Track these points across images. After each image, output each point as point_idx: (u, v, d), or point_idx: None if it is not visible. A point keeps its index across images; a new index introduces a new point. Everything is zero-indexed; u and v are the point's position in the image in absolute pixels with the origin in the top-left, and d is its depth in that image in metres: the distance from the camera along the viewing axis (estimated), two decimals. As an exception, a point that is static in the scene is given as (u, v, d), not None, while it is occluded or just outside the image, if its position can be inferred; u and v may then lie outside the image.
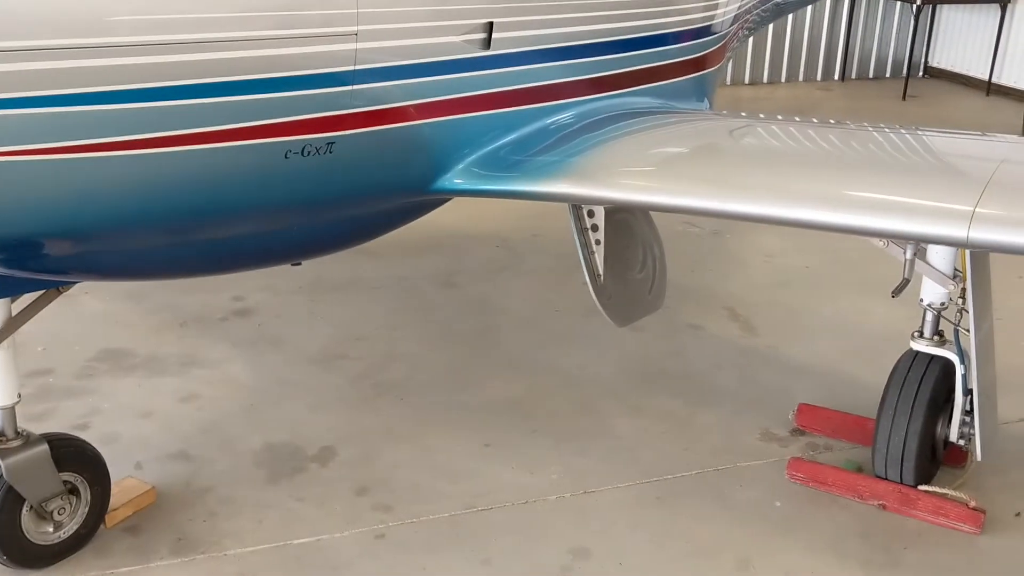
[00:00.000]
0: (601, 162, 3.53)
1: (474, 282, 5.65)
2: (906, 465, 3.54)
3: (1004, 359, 4.82)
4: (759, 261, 6.06)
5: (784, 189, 3.07)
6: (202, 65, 2.58)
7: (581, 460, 3.92)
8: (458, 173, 3.40)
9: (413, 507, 3.59)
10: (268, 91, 2.69)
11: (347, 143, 2.91)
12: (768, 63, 11.46)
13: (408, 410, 4.25)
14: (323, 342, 4.83)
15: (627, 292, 4.23)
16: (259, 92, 2.68)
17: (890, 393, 3.58)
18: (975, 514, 3.49)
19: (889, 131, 3.70)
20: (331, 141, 2.86)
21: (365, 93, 2.89)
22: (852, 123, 3.90)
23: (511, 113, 3.57)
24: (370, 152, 3.02)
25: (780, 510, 3.62)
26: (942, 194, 2.85)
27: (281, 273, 5.58)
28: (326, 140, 2.84)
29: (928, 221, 2.75)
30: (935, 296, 3.56)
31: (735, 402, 4.37)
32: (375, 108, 2.96)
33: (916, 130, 3.54)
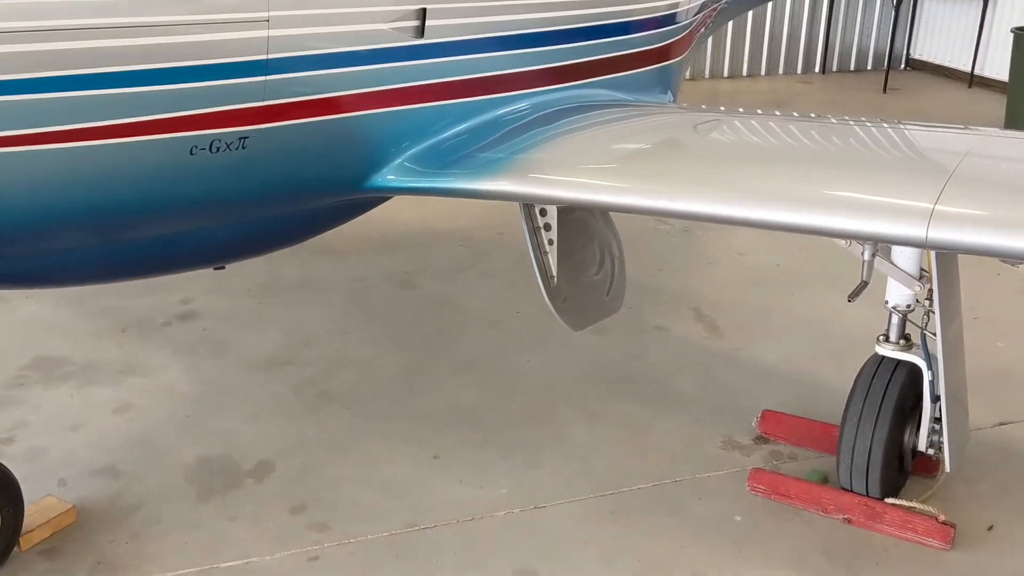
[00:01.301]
0: (550, 158, 3.33)
1: (434, 282, 5.45)
2: (872, 476, 3.35)
3: (979, 360, 4.65)
4: (729, 259, 5.86)
5: (735, 187, 2.87)
6: (96, 53, 2.37)
7: (533, 472, 3.71)
8: (393, 170, 3.20)
9: (352, 526, 3.38)
10: (169, 82, 2.48)
11: (262, 139, 2.70)
12: (747, 56, 11.27)
13: (354, 420, 4.04)
14: (269, 347, 4.61)
15: (583, 294, 4.03)
16: (159, 83, 2.47)
17: (854, 401, 3.39)
18: (944, 528, 3.30)
19: (853, 123, 3.51)
20: (243, 136, 2.65)
21: (280, 85, 2.68)
22: (816, 115, 3.71)
23: (451, 106, 3.37)
24: (290, 148, 2.81)
25: (739, 525, 3.42)
26: (900, 191, 2.65)
27: (230, 274, 5.35)
28: (237, 135, 2.63)
29: (884, 220, 2.55)
30: (900, 298, 3.36)
31: (697, 408, 4.18)
32: (292, 101, 2.75)
33: (880, 123, 3.35)
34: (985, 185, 2.66)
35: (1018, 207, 2.52)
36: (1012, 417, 4.12)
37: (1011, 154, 2.96)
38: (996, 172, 2.81)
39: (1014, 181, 2.73)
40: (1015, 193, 2.62)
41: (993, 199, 2.57)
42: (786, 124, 3.71)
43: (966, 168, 2.66)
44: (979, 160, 2.77)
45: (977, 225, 2.46)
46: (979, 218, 2.47)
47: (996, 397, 4.27)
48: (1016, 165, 2.85)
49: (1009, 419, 4.10)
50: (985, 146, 2.98)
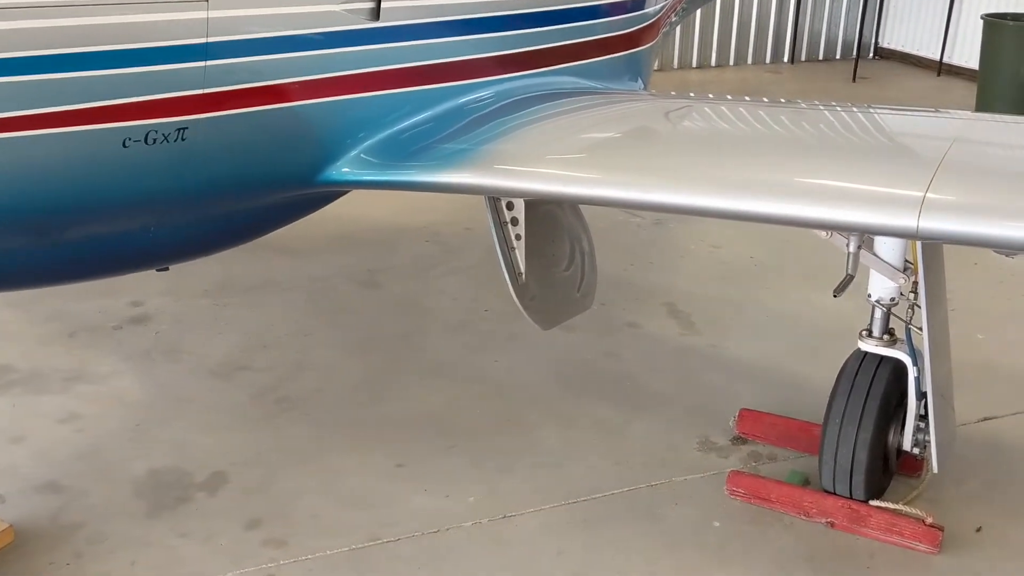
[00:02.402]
0: (515, 149, 3.16)
1: (399, 281, 5.25)
2: (855, 478, 3.20)
3: (959, 354, 4.49)
4: (704, 252, 5.72)
5: (713, 177, 2.70)
6: (14, 36, 2.15)
7: (503, 480, 3.53)
8: (348, 162, 3.00)
9: (310, 541, 3.19)
10: (98, 67, 2.27)
11: (203, 129, 2.50)
12: (716, 46, 11.14)
13: (314, 428, 3.84)
14: (225, 351, 4.39)
15: (552, 291, 3.86)
16: (86, 68, 2.26)
17: (837, 399, 3.24)
18: (932, 531, 3.16)
19: (839, 109, 3.35)
20: (182, 127, 2.44)
21: (222, 71, 2.48)
22: (800, 102, 3.56)
23: (410, 94, 3.18)
24: (234, 140, 2.61)
25: (718, 531, 3.27)
26: (889, 179, 2.50)
27: (185, 275, 5.14)
28: (175, 126, 2.42)
29: (873, 210, 2.40)
30: (884, 291, 3.21)
31: (672, 408, 4.02)
32: (236, 88, 2.55)
33: (866, 108, 3.20)
34: (977, 172, 2.52)
35: (1014, 194, 2.38)
36: (997, 411, 4.00)
37: (999, 139, 2.83)
38: (987, 158, 2.68)
39: (1006, 167, 2.60)
40: (1009, 180, 2.48)
41: (986, 186, 2.43)
42: (759, 110, 3.56)
43: (956, 154, 2.51)
44: (968, 146, 2.63)
45: (972, 214, 2.32)
46: (973, 206, 2.33)
47: (979, 391, 4.15)
48: (1006, 151, 2.72)
49: (994, 414, 3.98)
50: (972, 131, 2.84)
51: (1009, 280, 5.30)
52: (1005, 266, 5.45)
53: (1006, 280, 5.30)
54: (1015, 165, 2.62)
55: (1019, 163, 2.65)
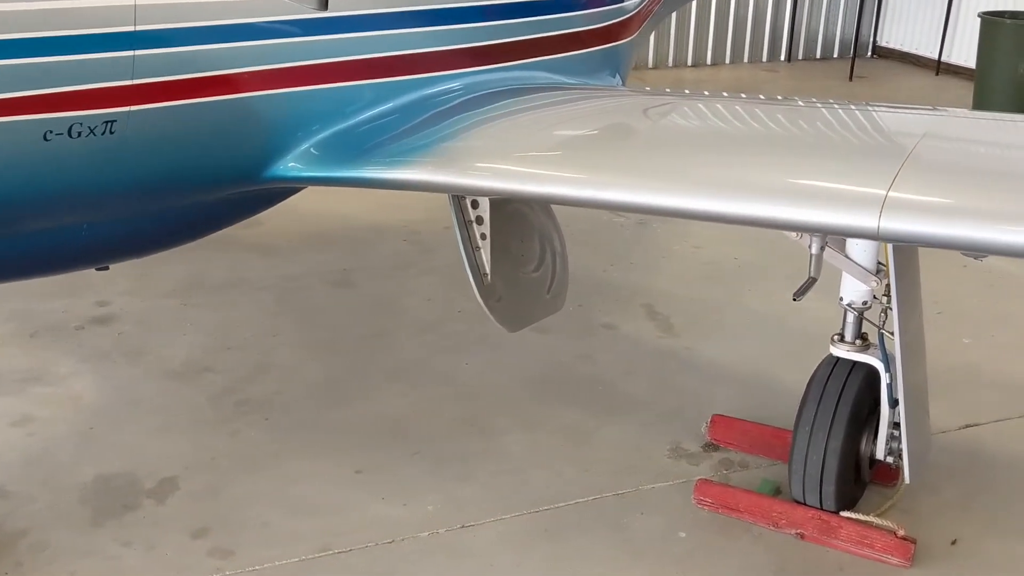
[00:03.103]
0: (478, 145, 3.04)
1: (373, 281, 5.13)
2: (826, 488, 3.08)
3: (944, 358, 4.40)
4: (685, 253, 5.59)
5: (669, 174, 2.58)
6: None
7: (463, 487, 3.42)
8: (297, 158, 2.88)
9: (258, 551, 3.07)
10: (15, 55, 2.15)
11: (134, 123, 2.38)
12: (711, 44, 11.00)
13: (272, 431, 3.72)
14: (188, 353, 4.28)
15: (520, 292, 3.74)
16: (5, 57, 2.15)
17: (807, 406, 3.11)
18: (904, 544, 3.03)
19: (805, 105, 3.23)
20: (110, 120, 2.32)
21: (153, 61, 2.36)
22: (766, 97, 3.44)
23: (364, 88, 3.06)
24: (168, 134, 2.49)
25: (684, 542, 3.14)
26: (850, 177, 2.38)
27: (153, 274, 5.05)
28: (102, 119, 2.31)
29: (832, 209, 2.27)
30: (856, 295, 3.09)
31: (645, 413, 3.90)
32: (171, 80, 2.43)
33: (833, 104, 3.07)
34: (944, 170, 2.39)
35: (981, 193, 2.26)
36: (979, 419, 3.87)
37: (974, 135, 2.70)
38: (957, 155, 2.55)
39: (976, 165, 2.47)
40: (977, 178, 2.36)
41: (953, 185, 2.31)
42: (735, 106, 3.43)
43: (924, 151, 2.39)
44: (938, 142, 2.50)
45: (935, 214, 2.19)
46: (937, 206, 2.21)
47: (962, 397, 4.02)
48: (979, 147, 2.60)
49: (976, 421, 3.86)
50: (945, 127, 2.71)
51: (999, 284, 5.16)
52: (995, 269, 5.32)
53: (996, 284, 5.16)
54: (986, 163, 2.50)
55: (990, 161, 2.52)
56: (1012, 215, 2.17)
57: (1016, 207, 2.19)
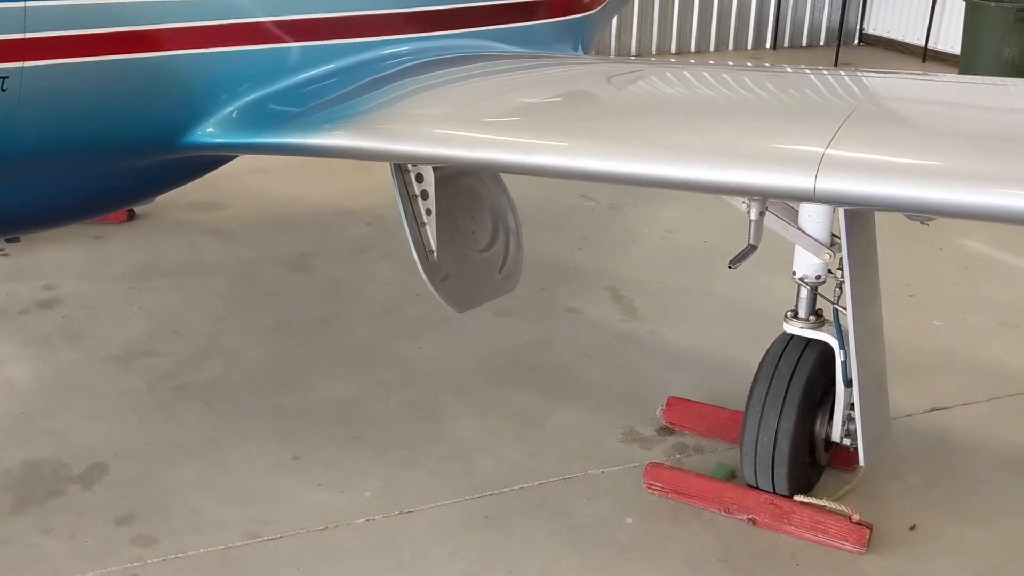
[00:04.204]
0: (416, 112, 2.91)
1: (331, 264, 4.99)
2: (778, 471, 2.94)
3: (914, 341, 4.28)
4: (655, 236, 5.45)
5: (609, 140, 2.44)
6: None
7: (405, 473, 3.28)
8: (217, 123, 2.73)
9: (183, 539, 2.93)
10: None
11: (28, 80, 2.23)
12: (696, 31, 10.84)
13: (210, 417, 3.58)
14: (132, 337, 4.14)
15: (470, 272, 3.59)
16: None
17: (758, 385, 2.98)
18: (859, 529, 2.90)
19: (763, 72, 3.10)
20: (1, 76, 2.19)
21: (46, 13, 2.22)
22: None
23: (292, 51, 2.92)
24: (67, 94, 2.34)
25: (630, 529, 3.01)
26: (790, 137, 2.24)
27: (105, 257, 4.92)
28: (-10, 74, 2.17)
29: (767, 169, 2.14)
30: (809, 268, 2.94)
31: (600, 397, 3.76)
32: (67, 34, 2.28)
33: (785, 68, 2.93)
34: (887, 128, 2.25)
35: (923, 152, 2.12)
36: (946, 402, 3.73)
37: (923, 95, 2.55)
38: (902, 113, 2.40)
39: (922, 124, 2.33)
40: (921, 137, 2.22)
41: (893, 143, 2.17)
42: (693, 72, 3.27)
43: (867, 109, 2.25)
44: (881, 101, 2.37)
45: (873, 173, 2.05)
46: (875, 164, 2.07)
47: (930, 380, 3.89)
48: (927, 107, 2.45)
49: (942, 404, 3.72)
50: (889, 87, 2.57)
51: (974, 266, 5.03)
52: (972, 252, 5.18)
53: (971, 266, 5.03)
54: (933, 122, 2.35)
55: (937, 120, 2.38)
56: (952, 173, 2.03)
57: (958, 165, 2.05)
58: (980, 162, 2.12)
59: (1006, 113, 2.49)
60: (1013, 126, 2.38)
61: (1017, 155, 2.15)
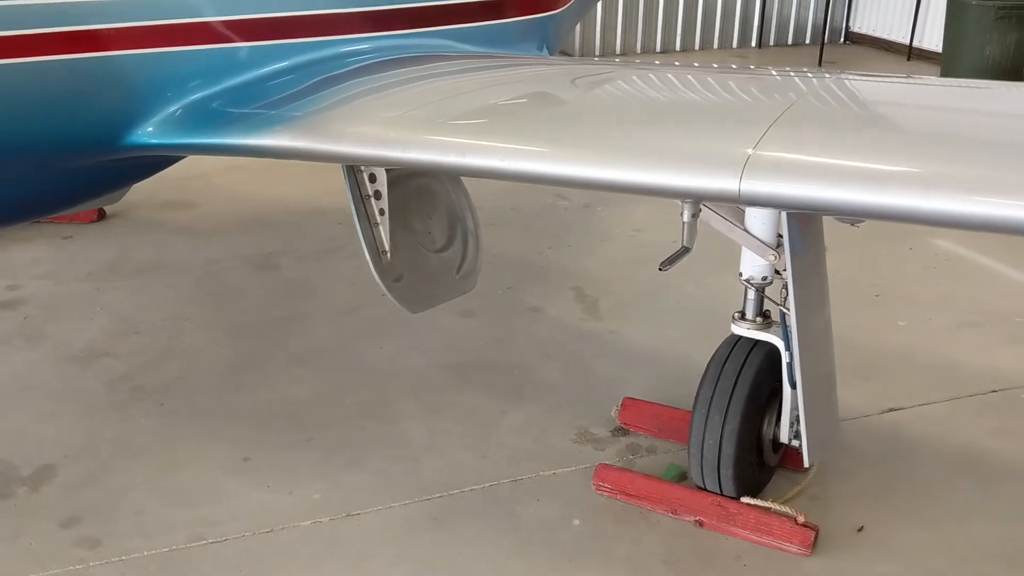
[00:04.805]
0: (347, 111, 2.87)
1: (298, 264, 4.98)
2: (723, 473, 2.93)
3: (877, 341, 4.27)
4: (625, 236, 5.44)
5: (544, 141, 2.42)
6: None
7: (354, 475, 3.27)
8: (160, 123, 2.72)
9: (127, 541, 2.92)
10: None
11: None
12: (680, 29, 10.84)
13: (165, 418, 3.57)
14: (92, 337, 4.13)
15: (425, 272, 3.58)
16: None
17: (705, 387, 2.96)
18: (804, 531, 2.89)
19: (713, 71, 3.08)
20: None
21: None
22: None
23: (237, 51, 2.91)
24: (5, 93, 2.33)
25: (576, 531, 3.00)
26: (719, 138, 2.23)
27: (71, 257, 4.91)
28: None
29: (695, 171, 2.13)
30: (755, 269, 2.94)
31: (555, 398, 3.74)
32: (7, 35, 2.27)
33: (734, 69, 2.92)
34: (816, 129, 2.23)
35: (850, 152, 2.10)
36: (903, 403, 3.72)
37: (862, 95, 2.54)
38: (835, 115, 2.39)
39: (854, 124, 2.31)
40: (851, 137, 2.20)
41: (821, 144, 2.15)
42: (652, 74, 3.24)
43: (800, 110, 2.24)
44: (813, 101, 2.35)
45: (797, 175, 2.04)
46: (800, 166, 2.05)
47: (888, 380, 3.88)
48: (861, 107, 2.43)
49: (900, 405, 3.70)
50: (826, 87, 2.56)
51: (942, 266, 5.01)
52: (941, 252, 5.17)
53: (939, 266, 5.01)
54: (864, 123, 2.34)
55: (869, 121, 2.37)
56: (880, 176, 2.02)
57: (886, 167, 2.04)
58: (909, 164, 2.10)
59: (944, 114, 2.47)
60: (948, 128, 2.36)
61: (949, 157, 2.14)
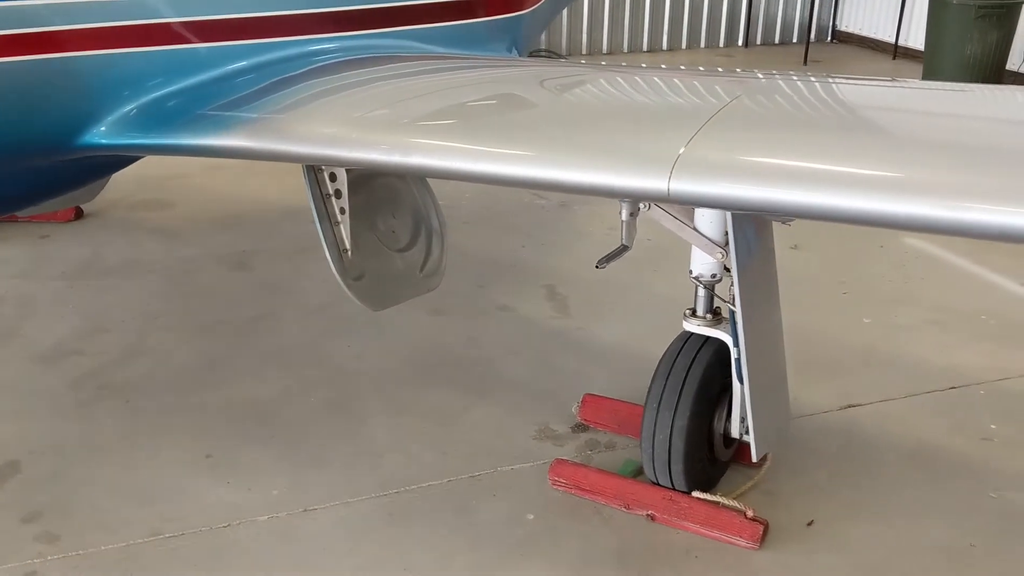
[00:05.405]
0: (302, 111, 2.91)
1: (271, 262, 5.01)
2: (674, 467, 2.97)
3: (841, 338, 4.31)
4: (600, 234, 5.46)
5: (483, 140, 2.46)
6: None
7: (314, 471, 3.30)
8: (113, 124, 2.75)
9: (86, 536, 2.96)
10: None
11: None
12: (667, 28, 10.87)
13: (130, 416, 3.61)
14: (62, 336, 4.17)
15: (387, 271, 3.61)
16: None
17: (656, 383, 3.00)
18: (752, 525, 2.92)
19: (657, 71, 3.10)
20: None
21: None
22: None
23: (194, 51, 2.94)
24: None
25: (529, 526, 3.03)
26: (652, 138, 2.26)
27: (46, 256, 4.96)
28: None
29: (625, 170, 2.16)
30: (704, 267, 2.97)
31: (519, 395, 3.78)
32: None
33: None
34: (747, 129, 2.26)
35: (779, 152, 2.13)
36: (862, 399, 3.75)
37: (798, 96, 2.57)
38: (767, 115, 2.41)
39: (784, 124, 2.35)
40: (782, 137, 2.23)
41: (751, 144, 2.18)
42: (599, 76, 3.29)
43: (731, 111, 2.27)
44: (748, 102, 2.38)
45: (725, 174, 2.07)
46: (729, 165, 2.09)
47: (850, 377, 3.91)
48: (795, 108, 2.46)
49: (858, 401, 3.74)
50: (762, 88, 2.59)
51: (911, 264, 5.05)
52: (911, 250, 5.21)
53: (908, 264, 5.05)
54: (798, 123, 2.37)
55: (803, 121, 2.39)
56: (809, 175, 2.05)
57: (815, 166, 2.07)
58: (840, 164, 2.13)
59: (880, 115, 2.50)
60: (881, 128, 2.40)
61: (879, 157, 2.16)
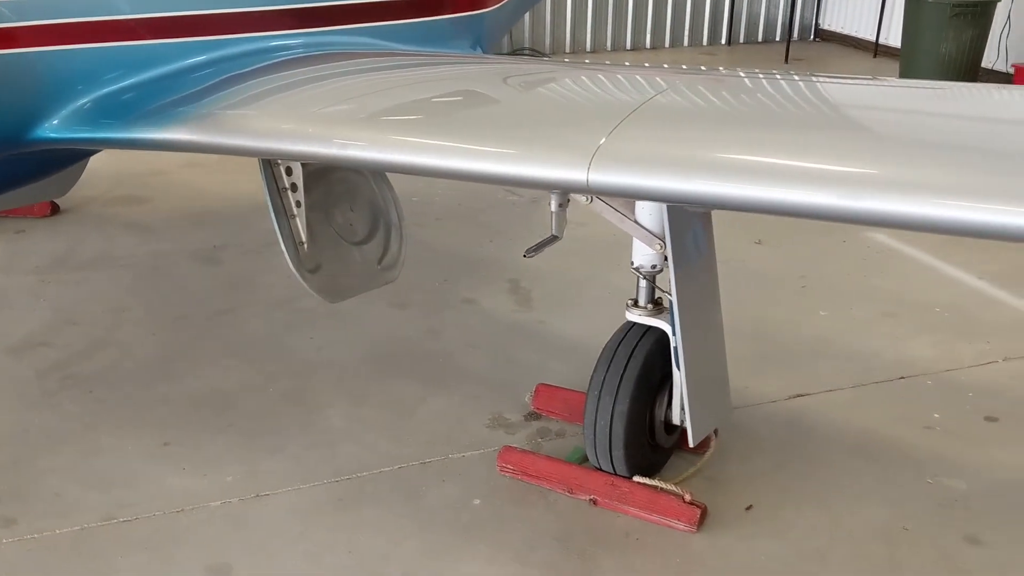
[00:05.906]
0: (253, 106, 2.99)
1: (241, 257, 5.09)
2: (615, 453, 3.04)
3: (796, 330, 4.39)
4: (567, 230, 5.52)
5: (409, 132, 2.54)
6: None
7: (269, 459, 3.38)
8: (65, 118, 2.83)
9: (41, 521, 3.04)
10: None
11: None
12: (650, 26, 10.96)
13: (92, 406, 3.68)
14: (30, 328, 4.24)
15: (345, 263, 3.70)
16: None
17: (598, 370, 3.07)
18: (690, 509, 3.00)
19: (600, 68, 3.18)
20: None
21: None
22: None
23: (141, 48, 3.02)
24: None
25: (475, 511, 3.11)
26: (575, 131, 2.34)
27: (22, 249, 5.04)
28: None
29: (546, 162, 2.23)
30: (645, 258, 3.05)
31: (476, 386, 3.86)
32: None
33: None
34: (667, 122, 2.34)
35: (697, 145, 2.21)
36: (811, 389, 3.83)
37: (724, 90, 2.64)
38: (689, 108, 2.49)
39: (706, 117, 2.42)
40: (700, 129, 2.31)
41: (670, 137, 2.26)
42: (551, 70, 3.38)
43: (653, 104, 2.34)
44: (671, 95, 2.46)
45: (642, 165, 2.15)
46: (646, 156, 2.16)
47: (801, 369, 3.99)
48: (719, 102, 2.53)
49: (807, 391, 3.81)
50: (686, 82, 2.66)
51: (873, 258, 5.13)
52: (873, 244, 5.29)
53: (869, 258, 5.13)
54: (720, 117, 2.44)
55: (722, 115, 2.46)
56: (726, 166, 2.12)
57: (734, 156, 2.14)
58: (758, 155, 2.20)
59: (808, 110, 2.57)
60: (806, 122, 2.47)
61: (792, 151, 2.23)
